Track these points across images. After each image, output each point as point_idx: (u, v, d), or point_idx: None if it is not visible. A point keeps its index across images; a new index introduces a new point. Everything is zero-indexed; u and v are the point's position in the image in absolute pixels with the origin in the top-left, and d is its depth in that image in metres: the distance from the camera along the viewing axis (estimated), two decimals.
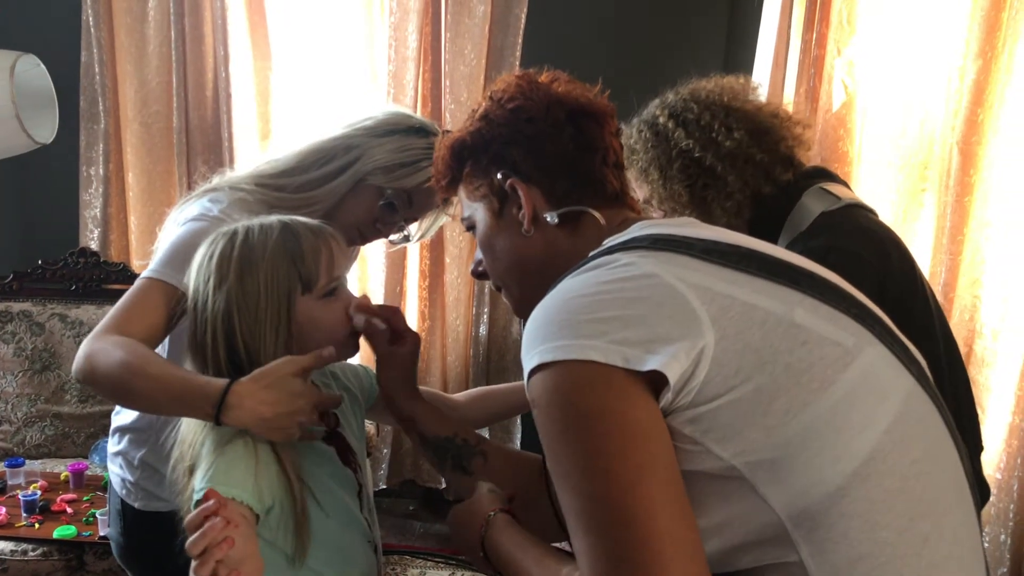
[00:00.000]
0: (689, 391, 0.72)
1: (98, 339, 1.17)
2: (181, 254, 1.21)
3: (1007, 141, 2.06)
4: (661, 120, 1.41)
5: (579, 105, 0.98)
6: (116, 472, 1.48)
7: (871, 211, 1.41)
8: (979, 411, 2.16)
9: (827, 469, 0.71)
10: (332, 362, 1.14)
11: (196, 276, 1.10)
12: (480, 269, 1.06)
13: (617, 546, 0.67)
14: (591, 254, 0.87)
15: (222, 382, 1.03)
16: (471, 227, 1.03)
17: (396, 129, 1.41)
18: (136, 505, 1.44)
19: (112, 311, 1.22)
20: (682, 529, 0.68)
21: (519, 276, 1.00)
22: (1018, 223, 2.07)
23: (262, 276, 1.06)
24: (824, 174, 1.44)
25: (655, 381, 0.72)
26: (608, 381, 0.71)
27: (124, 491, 1.46)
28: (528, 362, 0.77)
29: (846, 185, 1.45)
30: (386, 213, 1.42)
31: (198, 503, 0.97)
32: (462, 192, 1.04)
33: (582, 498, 0.70)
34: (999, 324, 2.12)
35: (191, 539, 0.87)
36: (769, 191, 1.38)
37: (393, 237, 1.49)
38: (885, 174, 2.33)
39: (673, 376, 0.71)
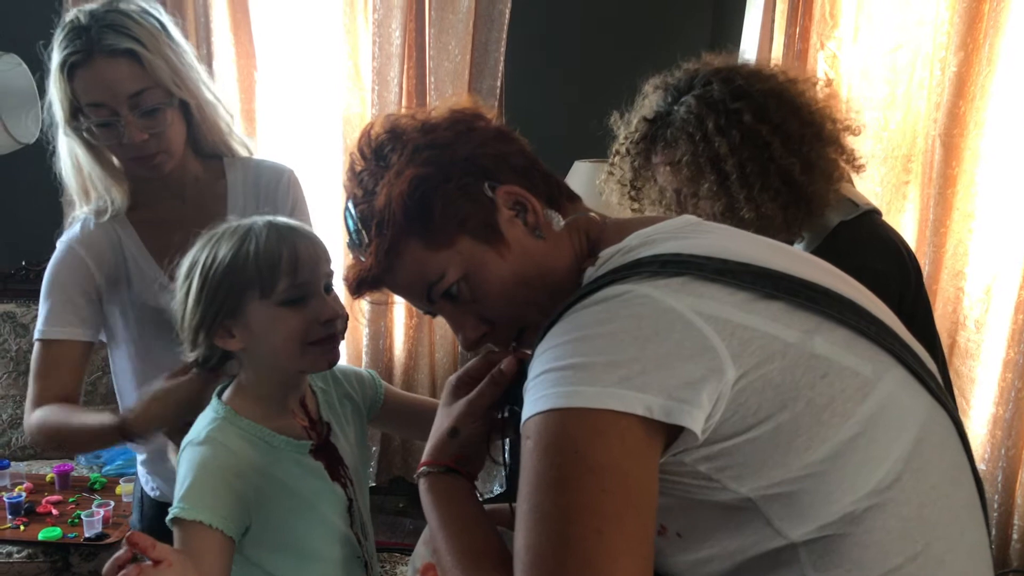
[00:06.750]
0: (705, 430, 0.69)
1: (27, 420, 1.30)
2: (45, 298, 1.38)
3: (989, 134, 2.07)
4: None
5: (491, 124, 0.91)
6: (138, 459, 1.51)
7: (880, 213, 1.40)
8: (963, 402, 2.18)
9: (844, 501, 0.70)
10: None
11: (179, 275, 1.08)
12: (483, 332, 0.88)
13: None
14: (592, 279, 0.80)
15: (107, 418, 1.16)
16: (443, 290, 0.85)
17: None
18: (151, 494, 1.47)
19: (29, 383, 1.33)
20: None
21: (540, 295, 0.85)
22: (1000, 215, 2.09)
23: (209, 281, 1.03)
24: None
25: (675, 429, 0.69)
26: (621, 435, 0.67)
27: (143, 479, 1.50)
28: (535, 405, 0.70)
29: (849, 181, 1.43)
30: (103, 135, 1.28)
31: (172, 520, 0.96)
32: (419, 254, 0.85)
33: (557, 545, 0.65)
34: (982, 316, 2.13)
35: None
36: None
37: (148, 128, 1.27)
38: (868, 167, 2.34)
39: (698, 429, 0.67)
